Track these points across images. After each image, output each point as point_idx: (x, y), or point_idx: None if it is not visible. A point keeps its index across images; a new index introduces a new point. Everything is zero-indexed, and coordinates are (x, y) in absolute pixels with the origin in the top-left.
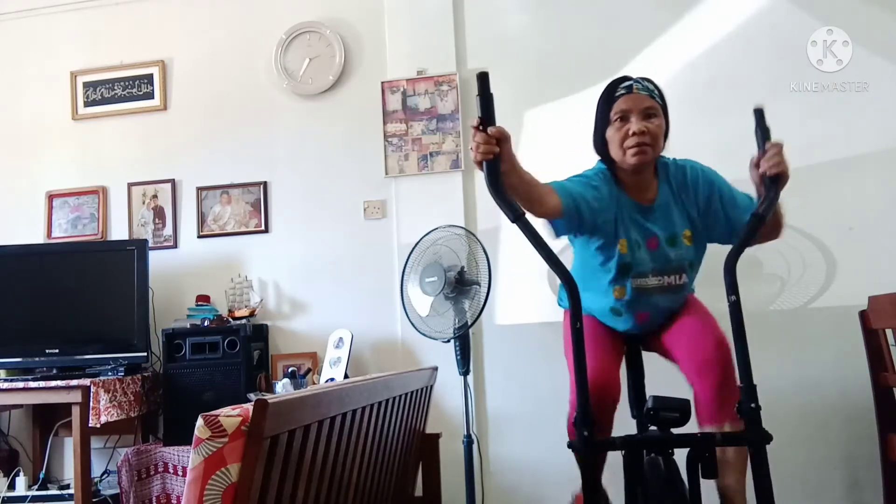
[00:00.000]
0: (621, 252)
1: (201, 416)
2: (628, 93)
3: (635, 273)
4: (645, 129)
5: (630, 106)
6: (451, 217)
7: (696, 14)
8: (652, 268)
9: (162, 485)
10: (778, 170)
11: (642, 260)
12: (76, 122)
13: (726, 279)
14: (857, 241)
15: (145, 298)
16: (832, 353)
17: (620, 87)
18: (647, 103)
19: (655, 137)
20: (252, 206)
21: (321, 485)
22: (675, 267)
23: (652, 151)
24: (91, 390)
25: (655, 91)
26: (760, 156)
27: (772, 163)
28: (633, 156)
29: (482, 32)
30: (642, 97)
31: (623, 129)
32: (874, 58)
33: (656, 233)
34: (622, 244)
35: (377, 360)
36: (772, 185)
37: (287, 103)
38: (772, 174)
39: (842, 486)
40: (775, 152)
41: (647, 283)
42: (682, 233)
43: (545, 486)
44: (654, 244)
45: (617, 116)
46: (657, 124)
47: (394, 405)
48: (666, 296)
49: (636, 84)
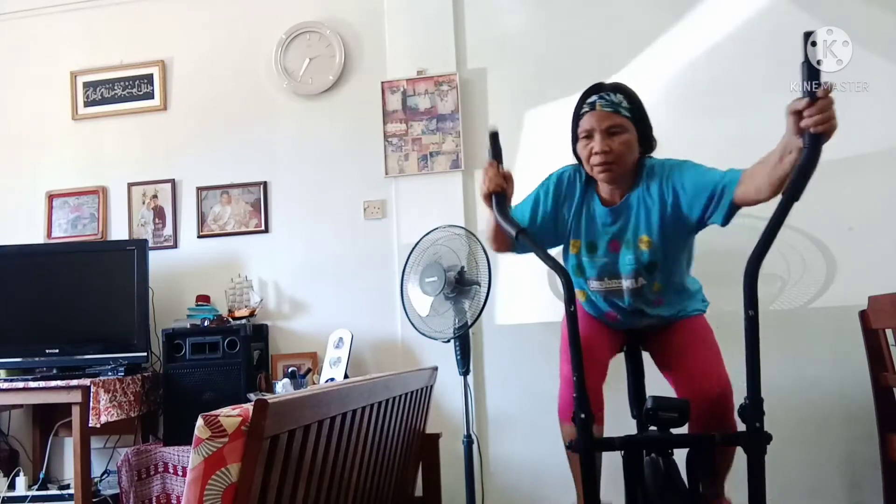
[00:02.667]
0: (573, 253)
1: (201, 416)
2: (591, 110)
3: (589, 275)
4: (607, 148)
5: (592, 125)
6: (451, 217)
7: (697, 14)
8: (607, 270)
9: (162, 485)
10: (825, 127)
11: (596, 262)
12: (76, 122)
13: (746, 291)
14: (857, 241)
15: (145, 298)
16: (832, 353)
17: (586, 104)
18: (609, 121)
19: (619, 155)
20: (252, 206)
21: (321, 485)
22: (630, 271)
23: (617, 168)
24: (91, 390)
25: (623, 103)
26: (807, 105)
27: (820, 118)
28: (598, 173)
29: (482, 32)
30: (604, 114)
31: (588, 147)
32: (874, 58)
33: (618, 235)
34: (574, 245)
35: (377, 360)
36: (813, 143)
37: (287, 103)
38: (818, 132)
39: (842, 486)
40: (827, 104)
41: (603, 285)
42: (640, 237)
43: (545, 486)
44: (615, 247)
45: (583, 134)
46: (621, 141)
47: (394, 405)
48: (632, 298)
49: (600, 100)
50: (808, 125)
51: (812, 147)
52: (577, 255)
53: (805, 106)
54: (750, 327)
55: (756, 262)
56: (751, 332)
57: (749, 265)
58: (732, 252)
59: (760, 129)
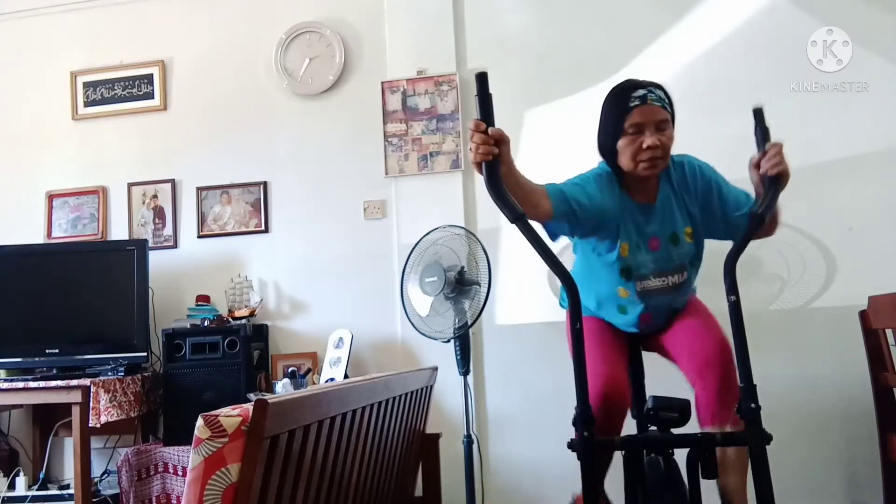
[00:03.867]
0: (622, 255)
1: (201, 416)
2: (643, 104)
3: (637, 276)
4: (659, 142)
5: (645, 119)
6: (451, 217)
7: (697, 14)
8: (653, 269)
9: (162, 485)
10: (778, 170)
11: (643, 262)
12: (76, 122)
13: (726, 279)
14: (857, 241)
15: (145, 298)
16: (832, 353)
17: (634, 97)
18: (661, 115)
19: (667, 150)
20: (252, 206)
21: (321, 485)
22: (677, 266)
23: (663, 163)
24: (91, 390)
25: (667, 100)
26: (761, 156)
27: (772, 163)
28: (644, 169)
29: (482, 32)
30: (656, 109)
31: (637, 143)
32: (874, 58)
33: (657, 233)
34: (623, 247)
35: (377, 360)
36: (772, 185)
37: (287, 103)
38: (772, 174)
39: (842, 486)
40: (776, 152)
41: (649, 284)
42: (684, 230)
43: (545, 486)
44: (655, 244)
45: (631, 129)
46: (669, 136)
47: (394, 405)
48: (668, 295)
49: (650, 94)
50: (765, 170)
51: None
52: (627, 257)
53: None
54: (734, 311)
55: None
56: (735, 316)
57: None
58: None
59: None
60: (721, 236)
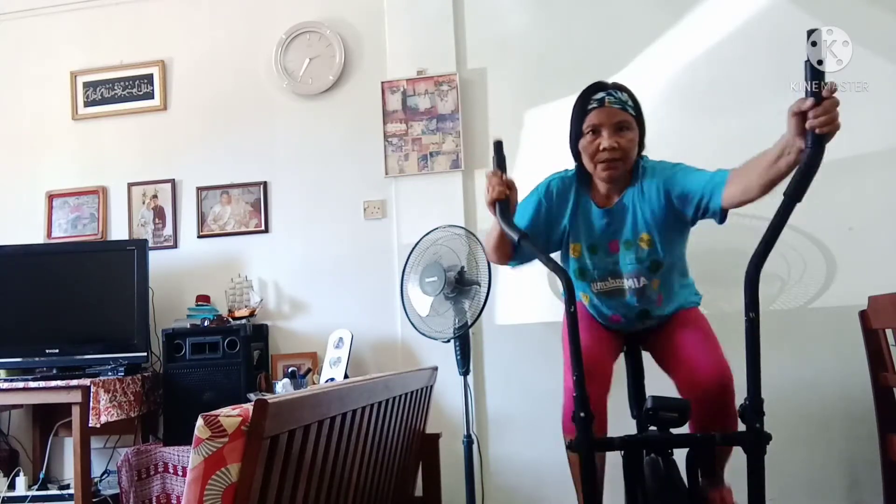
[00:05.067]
0: (574, 257)
1: (201, 416)
2: (600, 106)
3: (590, 277)
4: (616, 144)
5: (602, 120)
6: (451, 217)
7: (697, 14)
8: (609, 271)
9: (162, 485)
10: (831, 128)
11: (597, 264)
12: (76, 122)
13: (746, 292)
14: (857, 241)
15: (145, 298)
16: (832, 353)
17: (592, 100)
18: (619, 117)
19: (626, 151)
20: (252, 206)
21: (321, 485)
22: (633, 271)
23: (622, 165)
24: (91, 390)
25: (629, 102)
26: (812, 105)
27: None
28: (603, 170)
29: (482, 32)
30: (614, 111)
31: (594, 143)
32: (874, 58)
33: (616, 235)
34: (574, 249)
35: (377, 360)
36: (816, 145)
37: (287, 103)
38: (823, 132)
39: (842, 486)
40: (832, 105)
41: (606, 286)
42: (640, 236)
43: (545, 486)
44: (614, 247)
45: (588, 129)
46: (629, 138)
47: (394, 405)
48: (635, 298)
49: (608, 97)
50: (814, 125)
51: (815, 147)
52: (579, 258)
53: (810, 106)
54: (750, 329)
55: (758, 264)
56: (751, 334)
57: (750, 267)
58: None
59: (760, 129)
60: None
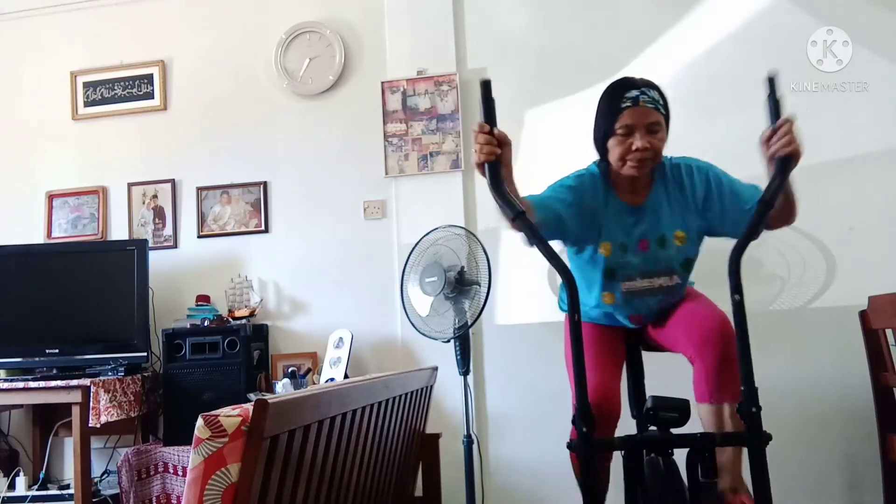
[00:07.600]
0: (604, 255)
1: (201, 416)
2: (634, 105)
3: (622, 276)
4: (648, 145)
5: (635, 121)
6: (451, 217)
7: (697, 14)
8: (640, 270)
9: (162, 485)
10: (788, 150)
11: (628, 262)
12: (76, 122)
13: (731, 277)
14: (857, 241)
15: (145, 298)
16: (832, 353)
17: (626, 98)
18: (652, 118)
19: (657, 152)
20: (252, 206)
21: (321, 485)
22: (665, 269)
23: (652, 164)
24: (91, 390)
25: (660, 101)
26: (770, 133)
27: (782, 142)
28: (631, 168)
29: (482, 32)
30: (647, 111)
31: (626, 144)
32: (874, 58)
33: (646, 234)
34: (604, 247)
35: (377, 360)
36: (781, 167)
37: (287, 103)
38: (782, 155)
39: (842, 486)
40: (786, 130)
41: (635, 285)
42: (673, 233)
43: (545, 486)
44: (644, 245)
45: (621, 130)
46: (660, 138)
47: (394, 405)
48: (658, 297)
49: (642, 96)
50: (774, 151)
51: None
52: (609, 257)
53: (769, 135)
54: (737, 311)
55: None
56: (738, 315)
57: (733, 254)
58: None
59: (760, 129)
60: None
